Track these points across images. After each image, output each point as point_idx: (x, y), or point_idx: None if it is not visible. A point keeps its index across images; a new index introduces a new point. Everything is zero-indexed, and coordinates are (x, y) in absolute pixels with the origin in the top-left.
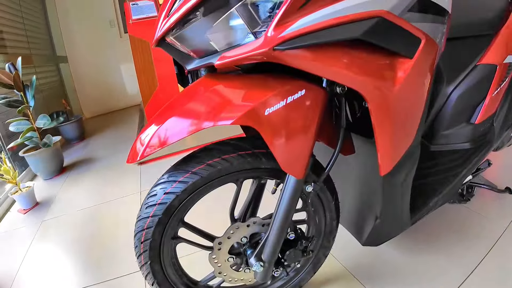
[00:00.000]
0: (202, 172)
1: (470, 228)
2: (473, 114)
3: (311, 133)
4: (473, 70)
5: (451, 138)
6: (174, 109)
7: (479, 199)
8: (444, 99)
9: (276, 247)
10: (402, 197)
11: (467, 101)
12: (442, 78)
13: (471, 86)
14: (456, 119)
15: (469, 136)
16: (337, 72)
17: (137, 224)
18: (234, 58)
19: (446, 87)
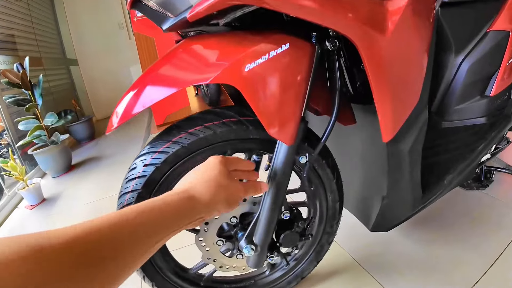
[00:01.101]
0: (183, 141)
1: (489, 215)
2: (487, 86)
3: (300, 91)
4: (484, 37)
5: (464, 113)
6: (151, 73)
7: (499, 185)
8: (454, 70)
9: (268, 227)
10: (410, 169)
11: (479, 72)
12: (450, 47)
13: (483, 56)
14: (469, 92)
15: (484, 110)
16: (321, 13)
17: (118, 201)
18: (206, 4)
19: (455, 57)
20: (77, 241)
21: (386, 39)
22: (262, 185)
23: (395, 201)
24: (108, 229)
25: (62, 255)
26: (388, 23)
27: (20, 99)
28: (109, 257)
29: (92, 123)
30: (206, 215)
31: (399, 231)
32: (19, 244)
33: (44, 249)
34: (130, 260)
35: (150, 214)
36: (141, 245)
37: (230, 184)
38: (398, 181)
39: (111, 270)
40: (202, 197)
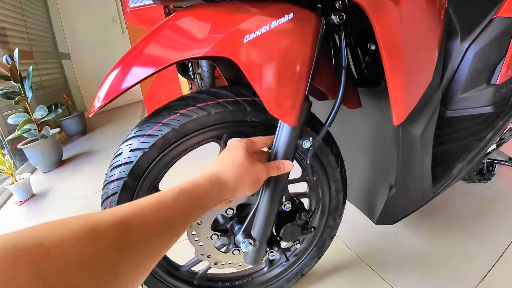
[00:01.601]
0: (174, 123)
1: (493, 208)
2: (493, 74)
3: (304, 67)
4: (490, 23)
5: (470, 102)
6: (139, 47)
7: (502, 178)
8: (459, 57)
9: (268, 220)
10: (422, 156)
11: (485, 59)
12: (455, 33)
13: (489, 43)
14: (474, 80)
15: (490, 99)
16: None
17: (103, 191)
18: None
19: (461, 44)
20: (122, 222)
21: (400, 10)
22: (286, 164)
23: (404, 191)
24: (151, 214)
25: (112, 235)
26: None
27: (9, 92)
28: (151, 238)
29: (83, 117)
30: (232, 197)
31: (402, 226)
32: (72, 225)
33: (95, 229)
34: (168, 238)
35: (183, 197)
36: (177, 226)
37: (252, 167)
38: (409, 169)
39: (153, 249)
40: (228, 179)
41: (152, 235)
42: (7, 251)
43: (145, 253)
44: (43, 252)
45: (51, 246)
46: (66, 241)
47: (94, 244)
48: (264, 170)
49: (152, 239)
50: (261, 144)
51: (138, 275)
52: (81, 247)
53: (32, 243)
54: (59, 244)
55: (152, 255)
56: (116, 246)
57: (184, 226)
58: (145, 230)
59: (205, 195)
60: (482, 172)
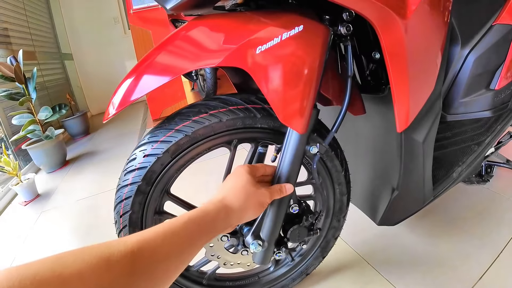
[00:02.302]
0: (187, 129)
1: (491, 210)
2: (492, 80)
3: (313, 76)
4: (489, 30)
5: (470, 107)
6: (154, 55)
7: (500, 180)
8: (460, 63)
9: (276, 222)
10: (424, 160)
11: (484, 65)
12: (456, 39)
13: (488, 49)
14: (474, 85)
15: (489, 104)
16: None
17: (116, 195)
18: None
19: (461, 50)
20: (133, 251)
21: (405, 23)
22: (287, 187)
23: (406, 194)
24: (160, 242)
25: (125, 263)
26: (408, 6)
27: (13, 93)
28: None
29: (86, 118)
30: (238, 221)
31: (403, 226)
32: (87, 256)
33: (109, 260)
34: (177, 264)
35: (191, 225)
36: (185, 252)
37: (257, 191)
38: (411, 172)
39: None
40: (234, 205)
41: (161, 260)
42: (28, 281)
43: (156, 277)
44: (61, 283)
45: (69, 277)
46: (82, 272)
47: (109, 273)
48: (267, 194)
49: (161, 264)
50: (262, 170)
51: None
52: (97, 277)
53: (51, 274)
54: (76, 274)
55: (162, 279)
56: (128, 272)
57: (192, 252)
58: (155, 256)
59: (212, 222)
60: (480, 174)
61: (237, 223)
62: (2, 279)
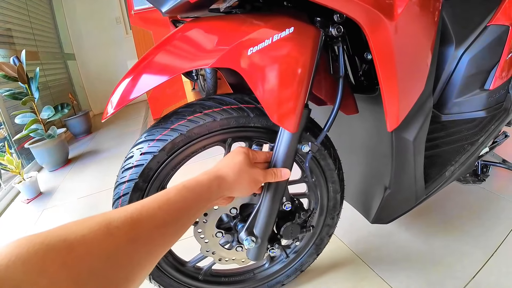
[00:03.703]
0: (182, 128)
1: (487, 209)
2: (487, 80)
3: (303, 77)
4: (484, 31)
5: (464, 107)
6: (150, 56)
7: (496, 179)
8: (454, 63)
9: (269, 218)
10: (414, 158)
11: (479, 65)
12: (450, 39)
13: (483, 49)
14: (468, 86)
15: (483, 104)
16: None
17: (114, 191)
18: None
19: (455, 50)
20: (132, 217)
21: (393, 24)
22: (283, 172)
23: (398, 192)
24: (157, 209)
25: (125, 228)
26: (395, 8)
27: (16, 93)
28: (159, 228)
29: (89, 117)
30: (230, 193)
31: (398, 224)
32: (89, 223)
33: (109, 224)
34: (174, 229)
35: (185, 192)
36: (181, 218)
37: (251, 169)
38: (402, 171)
39: (161, 239)
40: (228, 177)
41: (159, 226)
42: (37, 246)
43: (155, 242)
44: (67, 246)
45: (74, 241)
46: (85, 236)
47: (110, 236)
48: (262, 173)
49: (160, 230)
50: (263, 156)
51: (149, 262)
52: (98, 240)
53: (57, 239)
54: (80, 238)
55: (161, 244)
56: (129, 237)
57: (187, 219)
58: (152, 222)
59: (206, 191)
60: (476, 173)
61: (229, 194)
62: (13, 246)
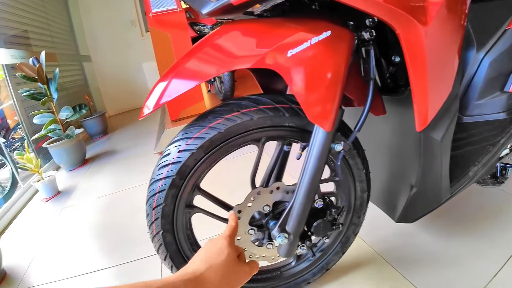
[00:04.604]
0: (220, 126)
1: (507, 211)
2: (507, 82)
3: (339, 78)
4: (504, 34)
5: (485, 109)
6: (189, 57)
7: None
8: (475, 66)
9: (302, 215)
10: (441, 158)
11: (499, 68)
12: (472, 43)
13: (502, 52)
14: (489, 88)
15: (504, 106)
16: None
17: (149, 188)
18: None
19: (477, 53)
20: None
21: (426, 29)
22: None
23: (424, 191)
24: None
25: None
26: (429, 13)
27: (36, 93)
28: None
29: (105, 118)
30: None
31: (419, 225)
32: None
33: None
34: None
35: None
36: None
37: (239, 268)
38: (429, 170)
39: None
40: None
41: None
42: None
43: None
44: None
45: None
46: None
47: None
48: (248, 272)
49: None
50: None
51: None
52: None
53: None
54: None
55: None
56: None
57: None
58: None
59: None
60: (495, 175)
61: None
62: None
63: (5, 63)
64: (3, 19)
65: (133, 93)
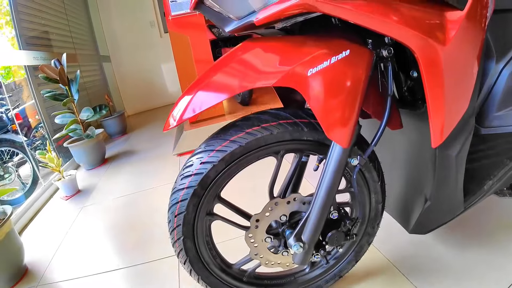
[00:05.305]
0: (241, 140)
1: None
2: None
3: (357, 96)
4: None
5: (504, 120)
6: (213, 73)
7: None
8: (494, 77)
9: (317, 226)
10: (456, 173)
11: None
12: (492, 54)
13: None
14: (508, 99)
15: None
16: (384, 22)
17: (172, 197)
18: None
19: (496, 64)
20: None
21: (445, 49)
22: None
23: (438, 204)
24: None
25: None
26: (447, 33)
27: (57, 94)
28: None
29: (124, 118)
30: None
31: (433, 236)
32: None
33: None
34: None
35: None
36: None
37: None
38: (443, 184)
39: None
40: None
41: None
42: None
43: None
44: None
45: None
46: None
47: None
48: None
49: None
50: None
51: None
52: None
53: None
54: None
55: None
56: None
57: None
58: None
59: None
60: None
61: None
62: None
63: (27, 65)
64: (24, 21)
65: (152, 93)
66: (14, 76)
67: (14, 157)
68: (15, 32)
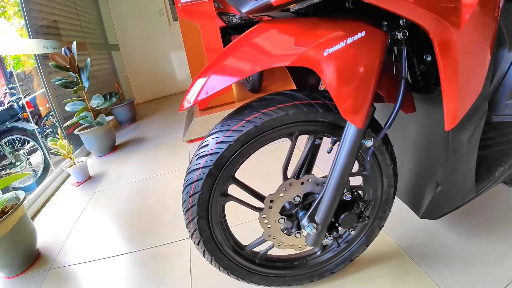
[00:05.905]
0: (257, 120)
1: None
2: None
3: (372, 77)
4: None
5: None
6: (229, 53)
7: None
8: (507, 64)
9: (331, 207)
10: (468, 157)
11: None
12: (505, 42)
13: None
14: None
15: None
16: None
17: (187, 177)
18: None
19: (509, 52)
20: None
21: (459, 32)
22: None
23: (449, 189)
24: None
25: None
26: (462, 16)
27: (68, 82)
28: None
29: (133, 106)
30: None
31: (443, 223)
32: None
33: None
34: None
35: None
36: None
37: None
38: (455, 169)
39: None
40: None
41: None
42: None
43: None
44: None
45: None
46: None
47: None
48: None
49: None
50: None
51: None
52: None
53: None
54: None
55: None
56: None
57: None
58: None
59: None
60: None
61: None
62: None
63: (38, 53)
64: (34, 10)
65: (161, 81)
66: (23, 65)
67: (26, 145)
68: (24, 22)
